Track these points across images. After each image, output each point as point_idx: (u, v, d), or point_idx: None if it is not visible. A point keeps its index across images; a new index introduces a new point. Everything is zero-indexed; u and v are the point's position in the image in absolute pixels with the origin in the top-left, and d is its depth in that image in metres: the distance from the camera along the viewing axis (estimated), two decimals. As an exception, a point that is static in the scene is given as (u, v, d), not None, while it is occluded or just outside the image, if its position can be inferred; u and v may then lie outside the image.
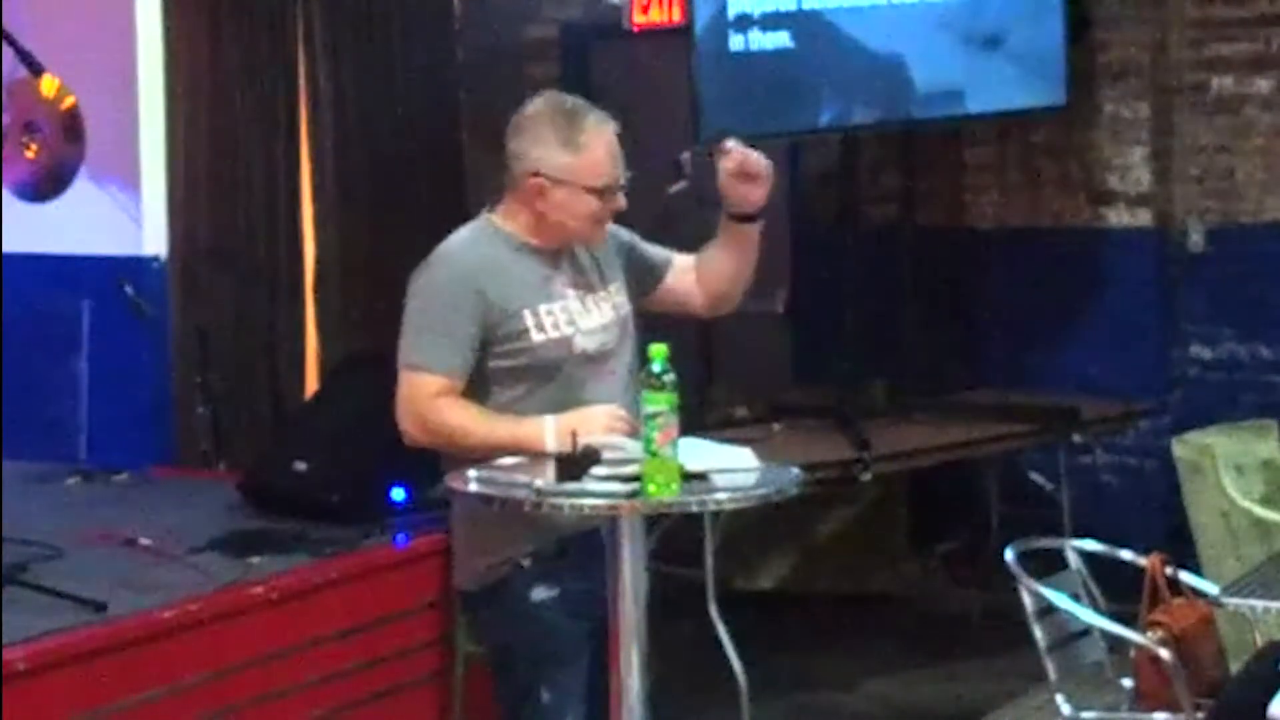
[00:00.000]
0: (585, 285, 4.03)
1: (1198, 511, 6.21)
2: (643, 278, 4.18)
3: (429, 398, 3.86)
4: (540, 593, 3.94)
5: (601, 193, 3.94)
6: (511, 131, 4.00)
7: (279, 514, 5.45)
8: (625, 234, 4.19)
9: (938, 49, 6.71)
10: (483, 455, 3.81)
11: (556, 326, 3.94)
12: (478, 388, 3.91)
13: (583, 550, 3.85)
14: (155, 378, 6.64)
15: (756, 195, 4.05)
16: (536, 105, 4.01)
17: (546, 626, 3.93)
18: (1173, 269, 7.39)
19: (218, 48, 6.82)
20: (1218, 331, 7.32)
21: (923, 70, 6.68)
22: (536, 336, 3.92)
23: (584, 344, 3.97)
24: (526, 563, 3.93)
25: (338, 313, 7.10)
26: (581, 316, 3.98)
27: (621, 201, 3.99)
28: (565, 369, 3.94)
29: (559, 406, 3.85)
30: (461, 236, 4.05)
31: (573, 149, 3.92)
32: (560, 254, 4.03)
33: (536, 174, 3.93)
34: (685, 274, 4.21)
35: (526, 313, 3.92)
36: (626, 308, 4.09)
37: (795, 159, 7.74)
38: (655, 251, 4.23)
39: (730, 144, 4.02)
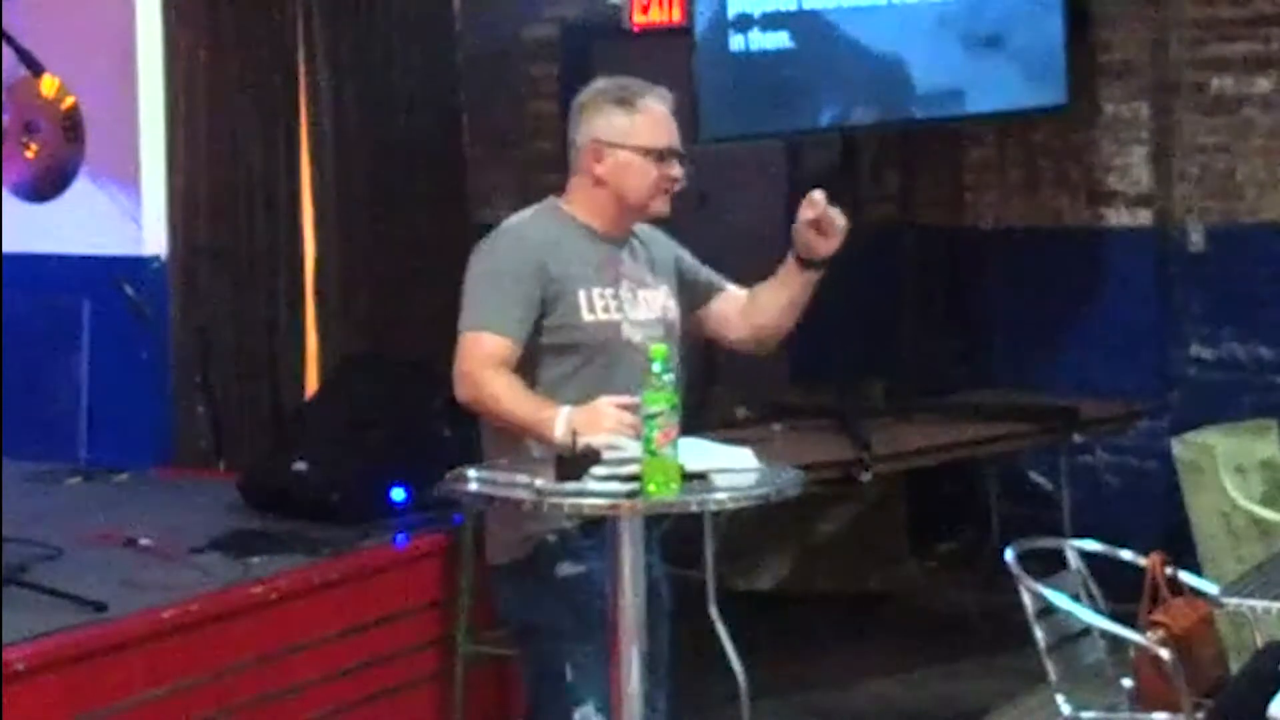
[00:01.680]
0: (638, 280, 4.11)
1: (1198, 511, 6.20)
2: (691, 294, 4.26)
3: (482, 359, 3.91)
4: (566, 568, 3.97)
5: (660, 156, 4.04)
6: (573, 116, 4.12)
7: (279, 514, 5.46)
8: (680, 249, 4.29)
9: (938, 49, 6.71)
10: (510, 428, 3.90)
11: (607, 310, 4.02)
12: (527, 362, 3.97)
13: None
14: (155, 378, 6.63)
15: (825, 248, 4.12)
16: (594, 85, 4.13)
17: (571, 602, 3.95)
18: (1173, 269, 7.38)
19: (218, 48, 6.80)
20: (1218, 331, 7.32)
21: (923, 70, 6.68)
22: (587, 316, 3.99)
23: (631, 333, 4.03)
24: (553, 539, 3.96)
25: (338, 313, 7.10)
26: (631, 307, 4.06)
27: (679, 171, 4.08)
28: (612, 353, 4.00)
29: (603, 391, 3.87)
30: (525, 214, 4.16)
31: (630, 111, 4.05)
32: (619, 246, 4.11)
33: (596, 140, 4.04)
34: (733, 302, 4.28)
35: (581, 292, 4.00)
36: (674, 313, 4.17)
37: (795, 159, 7.73)
38: (708, 273, 4.32)
39: (816, 194, 4.08)
